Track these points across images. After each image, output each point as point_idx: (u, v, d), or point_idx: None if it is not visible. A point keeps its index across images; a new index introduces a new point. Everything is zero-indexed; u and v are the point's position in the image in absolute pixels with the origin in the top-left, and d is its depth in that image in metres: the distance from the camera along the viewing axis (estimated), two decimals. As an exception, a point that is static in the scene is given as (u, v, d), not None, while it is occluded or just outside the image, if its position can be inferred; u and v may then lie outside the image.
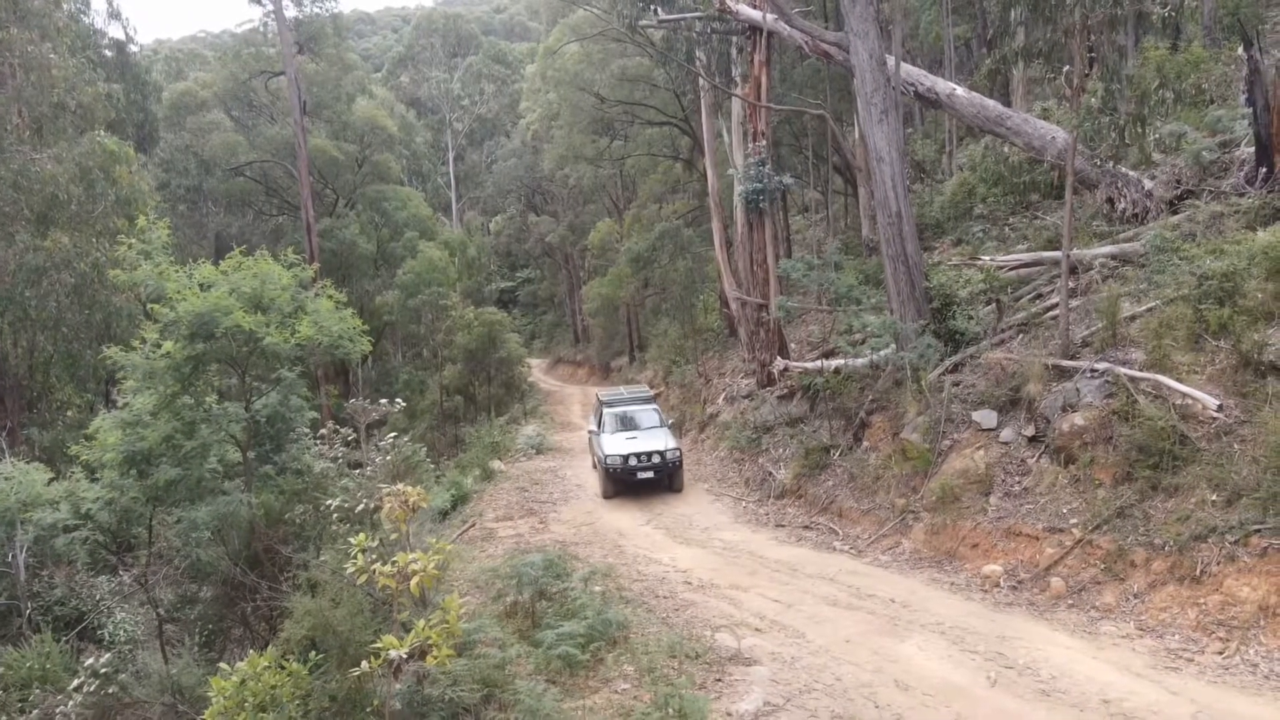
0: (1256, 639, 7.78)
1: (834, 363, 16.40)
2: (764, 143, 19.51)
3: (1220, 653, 7.83)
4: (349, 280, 27.49)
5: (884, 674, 7.85)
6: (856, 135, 26.93)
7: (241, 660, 6.11)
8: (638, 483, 16.84)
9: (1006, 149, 19.16)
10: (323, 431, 11.93)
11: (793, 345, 21.09)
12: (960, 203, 21.87)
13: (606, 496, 17.00)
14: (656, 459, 16.78)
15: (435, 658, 5.63)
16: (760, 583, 11.13)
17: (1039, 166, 18.54)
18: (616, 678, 7.90)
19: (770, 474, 16.51)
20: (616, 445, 17.08)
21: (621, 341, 39.38)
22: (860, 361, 15.64)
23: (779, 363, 18.23)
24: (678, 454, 17.19)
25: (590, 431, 19.18)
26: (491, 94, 54.24)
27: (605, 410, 18.55)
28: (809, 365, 17.37)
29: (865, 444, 14.73)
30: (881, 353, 15.05)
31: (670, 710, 6.24)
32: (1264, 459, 8.91)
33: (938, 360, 13.89)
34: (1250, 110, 16.07)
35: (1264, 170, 13.24)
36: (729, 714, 7.01)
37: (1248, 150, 14.18)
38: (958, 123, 24.90)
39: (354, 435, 11.15)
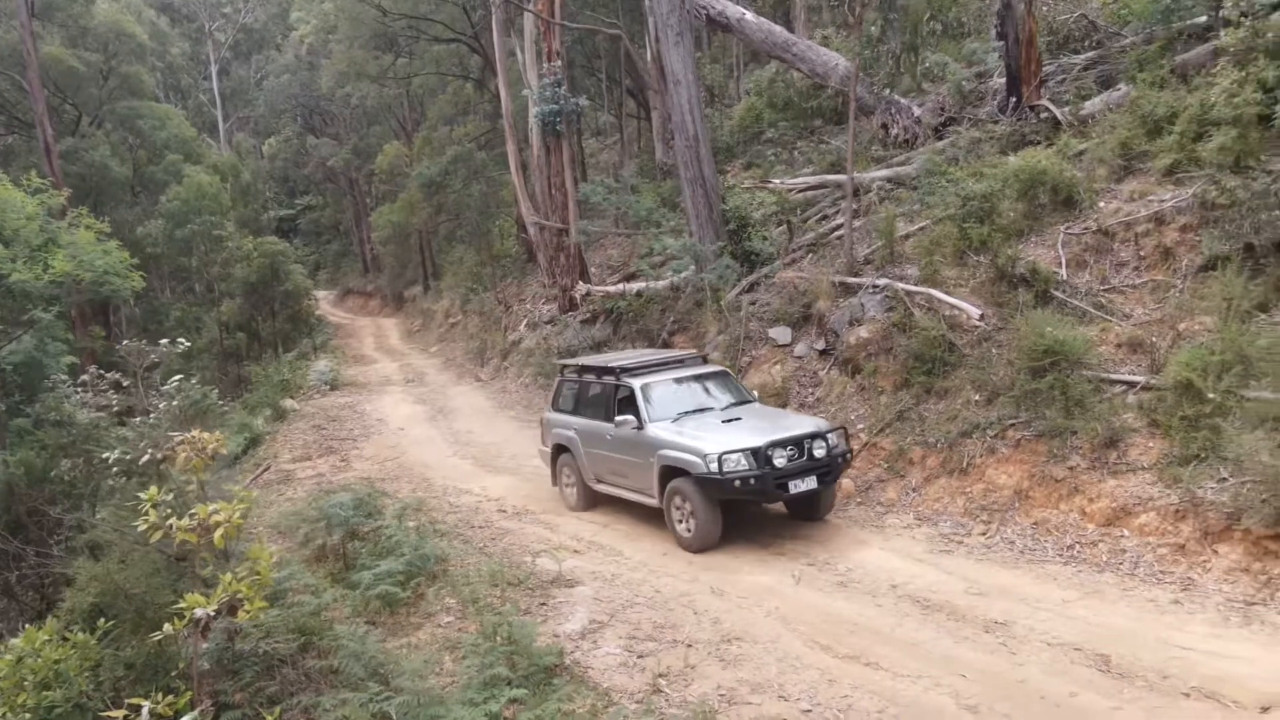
0: (1013, 519, 8.84)
1: (636, 285, 16.67)
2: (559, 63, 19.11)
3: (984, 534, 8.84)
4: (103, 209, 24.45)
5: (700, 583, 8.26)
6: (650, 57, 27.00)
7: (16, 636, 5.47)
8: (782, 500, 9.35)
9: (793, 75, 19.90)
10: (84, 378, 10.72)
11: (593, 269, 21.19)
12: (749, 127, 22.58)
13: (701, 548, 9.06)
14: (819, 451, 9.14)
15: (248, 612, 5.29)
16: (575, 504, 11.30)
17: (823, 92, 19.43)
18: (439, 611, 7.82)
19: (577, 398, 16.63)
20: (721, 439, 9.08)
21: (415, 270, 37.98)
22: (661, 284, 15.98)
23: (581, 287, 18.29)
24: (843, 442, 9.65)
25: (549, 421, 11.80)
26: (258, 1, 49.43)
27: (641, 389, 10.20)
28: (611, 289, 17.55)
29: (668, 364, 15.14)
30: (681, 275, 15.44)
31: (499, 638, 6.26)
32: (1016, 361, 9.99)
33: (735, 280, 14.43)
34: (1001, 43, 17.54)
35: (1014, 100, 14.52)
36: (556, 635, 7.14)
37: (1000, 81, 15.51)
38: (744, 47, 25.55)
39: (125, 381, 10.11)
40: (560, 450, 11.49)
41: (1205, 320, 9.27)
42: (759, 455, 8.94)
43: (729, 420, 9.84)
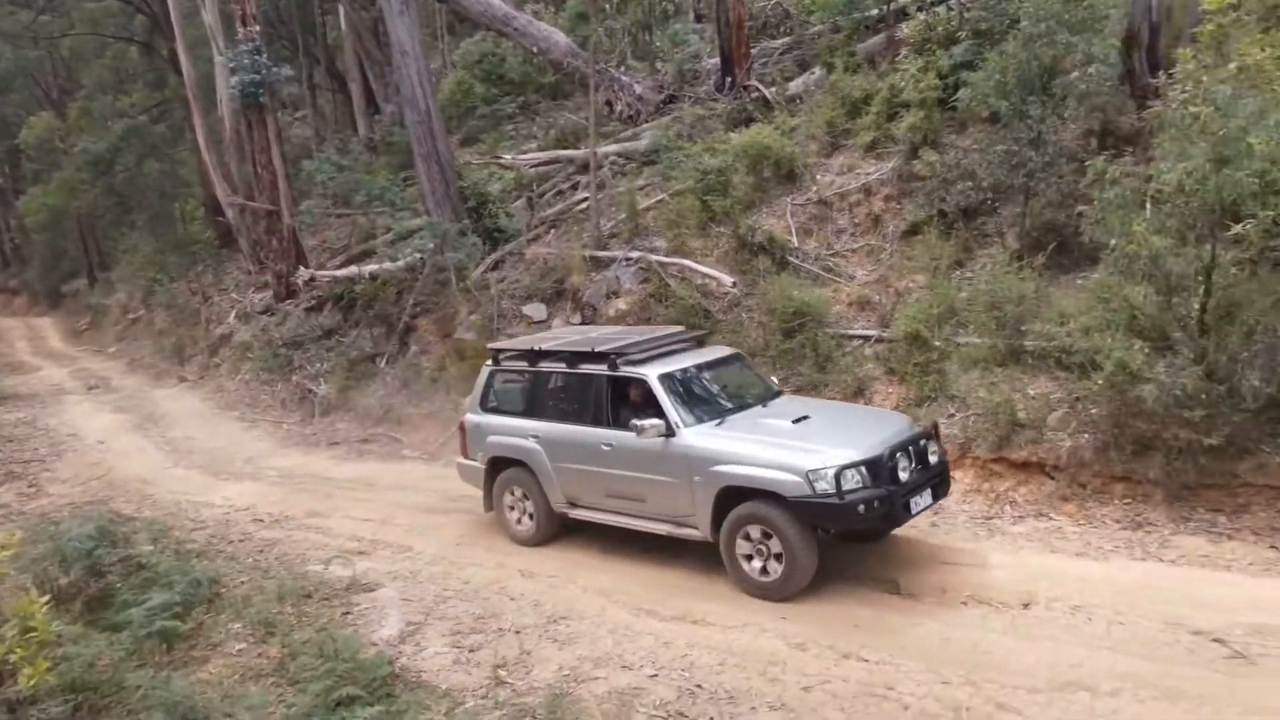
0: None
1: (369, 268, 15.76)
2: (256, 27, 17.37)
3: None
4: None
5: (507, 568, 8.11)
6: (343, 24, 25.40)
7: None
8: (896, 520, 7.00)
9: (509, 48, 19.74)
10: None
11: (310, 253, 19.69)
12: (460, 100, 22.06)
13: (790, 596, 6.83)
14: (934, 456, 7.32)
15: (29, 676, 4.38)
16: (341, 505, 10.57)
17: (534, 65, 19.46)
18: (226, 640, 6.98)
19: (311, 391, 15.51)
20: (825, 448, 6.78)
21: (75, 261, 32.87)
22: (397, 265, 15.24)
23: (303, 272, 16.91)
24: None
25: (478, 427, 8.94)
26: None
27: (662, 382, 7.62)
28: (340, 273, 16.45)
29: (414, 348, 14.57)
30: (418, 255, 14.84)
31: (330, 654, 5.74)
32: (768, 323, 10.85)
33: (481, 258, 14.15)
34: (700, 25, 18.69)
35: (729, 80, 15.56)
36: (375, 643, 6.68)
37: (714, 62, 16.54)
38: (448, 15, 24.86)
39: None
40: (502, 465, 8.65)
41: (918, 278, 10.64)
42: (881, 467, 6.67)
43: (799, 420, 7.37)
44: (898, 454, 6.85)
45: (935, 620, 6.37)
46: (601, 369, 7.98)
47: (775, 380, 9.05)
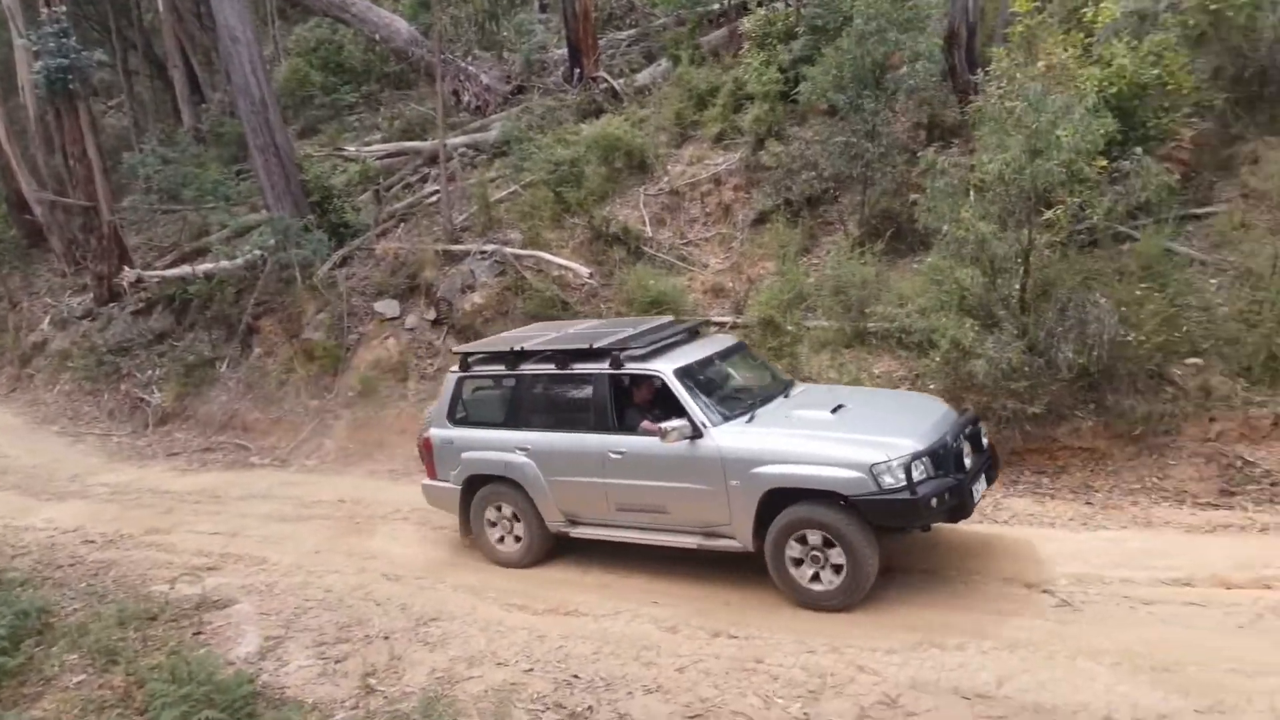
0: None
1: (204, 267, 14.84)
2: (62, 7, 15.95)
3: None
4: None
5: (369, 572, 7.88)
6: (161, 6, 23.72)
7: None
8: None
9: (348, 36, 18.97)
10: None
11: (134, 251, 18.31)
12: (296, 90, 21.04)
13: (850, 605, 6.23)
14: (985, 440, 6.92)
15: None
16: (185, 519, 9.95)
17: (383, 57, 18.83)
18: (61, 673, 6.44)
19: (143, 400, 14.47)
20: (883, 438, 6.21)
21: None
22: (236, 263, 14.43)
23: (128, 273, 15.73)
24: None
25: (447, 442, 7.94)
26: None
27: (678, 378, 6.88)
28: (171, 273, 15.40)
29: (258, 350, 13.84)
30: (258, 252, 14.10)
31: (177, 677, 5.39)
32: (623, 312, 10.95)
33: (327, 255, 13.59)
34: (544, 15, 18.60)
35: (577, 71, 15.57)
36: (232, 662, 6.33)
37: (561, 53, 16.49)
38: (278, 1, 23.67)
39: None
40: (479, 483, 7.72)
41: (768, 265, 11.03)
42: (947, 455, 6.21)
43: (836, 409, 6.75)
44: (960, 439, 6.42)
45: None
46: (602, 368, 7.12)
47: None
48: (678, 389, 6.79)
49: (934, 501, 6.00)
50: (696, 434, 6.58)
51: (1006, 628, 5.79)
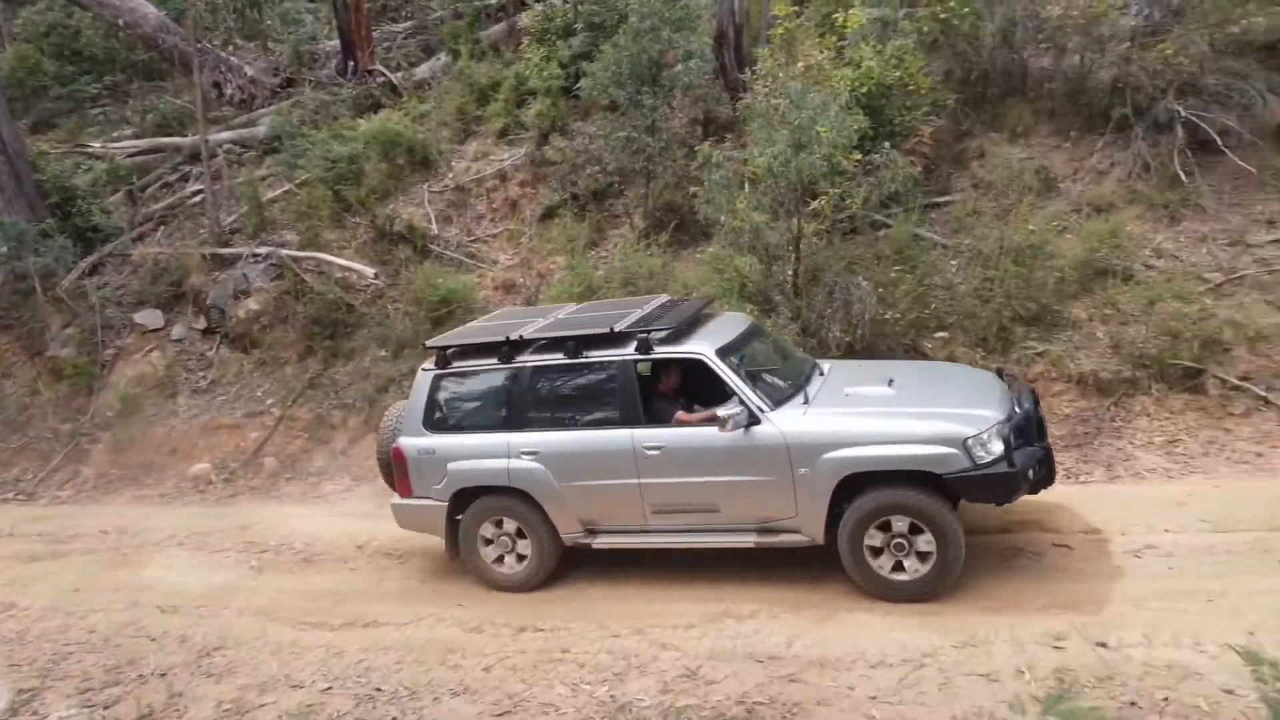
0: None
1: (-84, 281, 12.93)
2: None
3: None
4: None
5: (142, 606, 7.22)
6: None
7: None
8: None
9: (86, 21, 17.16)
10: None
11: None
12: (25, 79, 18.80)
13: (939, 591, 5.85)
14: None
15: None
16: (-94, 572, 8.68)
17: (129, 44, 17.18)
18: None
19: None
20: (969, 411, 5.88)
21: None
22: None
23: None
24: None
25: (427, 452, 6.87)
26: None
27: (720, 357, 6.24)
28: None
29: (-7, 372, 12.27)
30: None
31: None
32: (413, 312, 10.70)
33: (72, 262, 12.25)
34: (311, 5, 17.73)
35: (351, 64, 14.93)
36: (-24, 726, 5.62)
37: (333, 44, 15.74)
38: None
39: None
40: (470, 497, 6.81)
41: (558, 259, 11.10)
42: (1030, 423, 6.00)
43: (892, 384, 6.36)
44: (1039, 406, 6.25)
45: (593, 580, 6.78)
46: (627, 353, 6.36)
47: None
48: (725, 372, 6.15)
49: (1030, 473, 5.73)
50: (753, 420, 5.99)
51: (793, 591, 6.18)
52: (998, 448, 5.63)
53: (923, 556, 5.78)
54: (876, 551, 5.87)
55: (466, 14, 15.40)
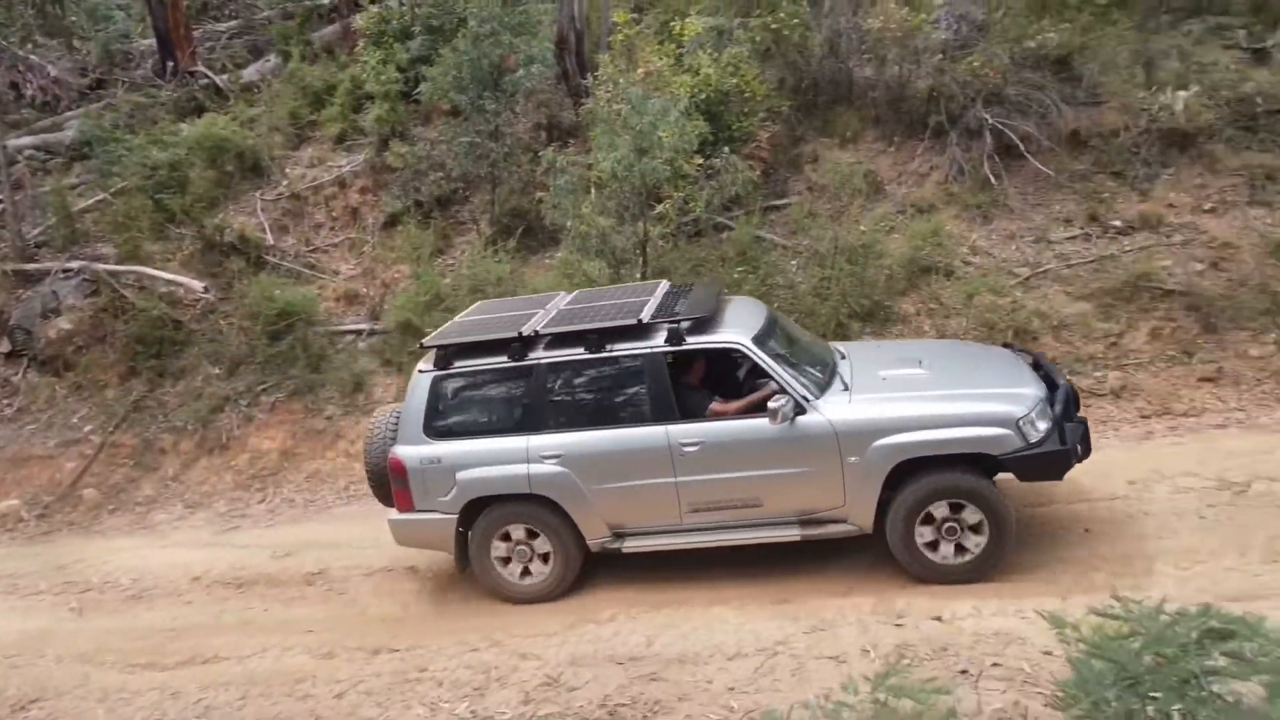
0: (287, 479, 9.11)
1: None
2: None
3: (263, 501, 8.94)
4: None
5: (-66, 663, 6.52)
6: None
7: None
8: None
9: None
10: None
11: None
12: None
13: (986, 571, 5.85)
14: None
15: None
16: None
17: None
18: None
19: None
20: (1012, 390, 5.94)
21: None
22: None
23: None
24: None
25: (432, 461, 6.30)
26: None
27: (756, 345, 6.01)
28: None
29: None
30: None
31: None
32: (248, 327, 10.15)
33: None
34: (123, 1, 16.57)
35: (170, 64, 14.00)
36: None
37: (150, 43, 14.72)
38: None
39: None
40: (481, 507, 6.32)
41: (403, 268, 10.81)
42: (1070, 399, 6.02)
43: (921, 362, 6.38)
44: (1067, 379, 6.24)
45: (453, 590, 6.65)
46: (656, 345, 6.06)
47: None
48: (766, 361, 5.94)
49: (1079, 448, 5.78)
50: (799, 410, 5.82)
51: (650, 593, 6.26)
52: (1044, 425, 5.70)
53: (974, 539, 5.79)
54: (932, 535, 5.83)
55: (296, 14, 14.78)
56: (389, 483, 6.41)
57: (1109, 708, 1.78)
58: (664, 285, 7.00)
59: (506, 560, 6.39)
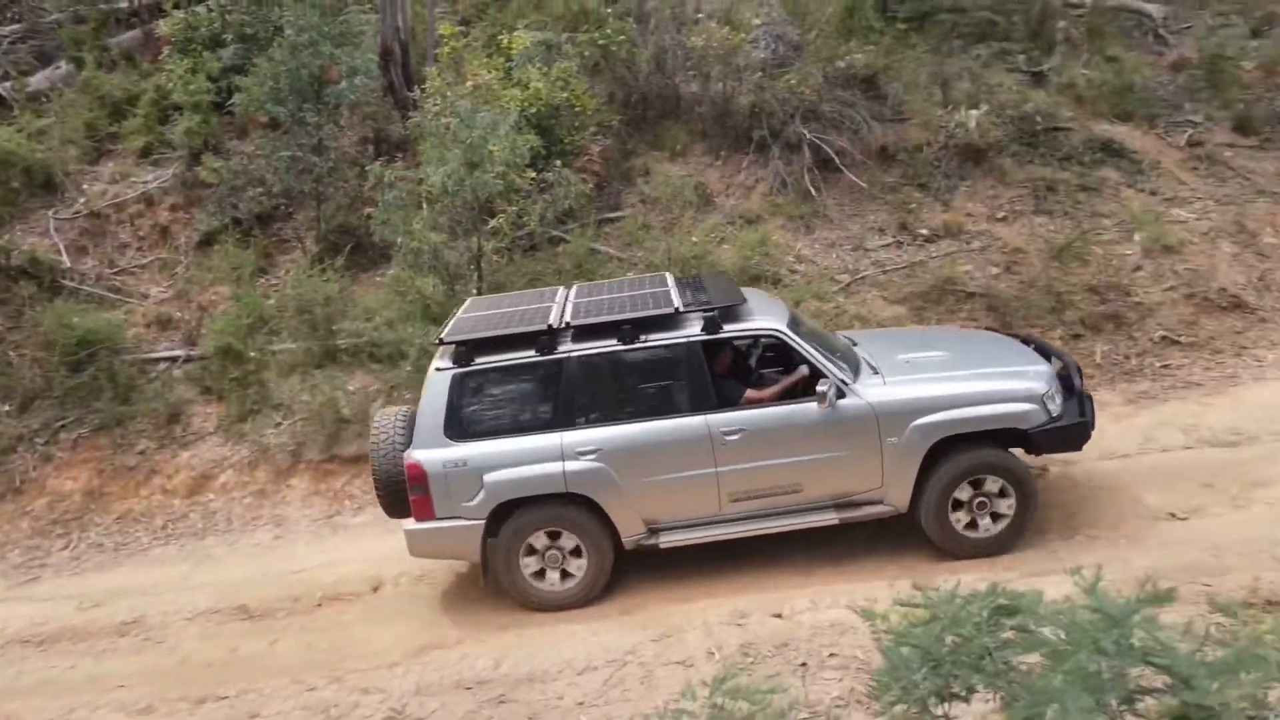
0: (94, 522, 8.35)
1: None
2: None
3: (66, 548, 8.16)
4: None
5: None
6: None
7: None
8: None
9: None
10: None
11: None
12: None
13: (1008, 545, 6.08)
14: None
15: None
16: None
17: None
18: None
19: None
20: (1022, 368, 6.35)
21: None
22: None
23: None
24: None
25: (457, 464, 5.89)
26: None
27: (792, 330, 6.13)
28: None
29: None
30: None
31: None
32: (43, 358, 9.28)
33: None
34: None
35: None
36: None
37: (-87, 46, 13.25)
38: None
39: None
40: (509, 510, 5.99)
41: (221, 289, 10.19)
42: (1072, 373, 6.36)
43: (934, 345, 6.85)
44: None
45: (289, 628, 6.32)
46: (693, 334, 6.01)
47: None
48: (803, 346, 6.04)
49: (1094, 421, 6.17)
50: (840, 394, 5.90)
51: (499, 614, 6.17)
52: (1059, 399, 6.06)
53: (995, 515, 6.04)
54: (965, 510, 6.01)
55: (90, 18, 13.67)
56: (402, 491, 6.04)
57: (917, 689, 1.92)
58: (670, 276, 6.96)
59: (541, 572, 6.15)
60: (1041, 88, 10.91)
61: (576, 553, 6.12)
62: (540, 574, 6.15)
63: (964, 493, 5.98)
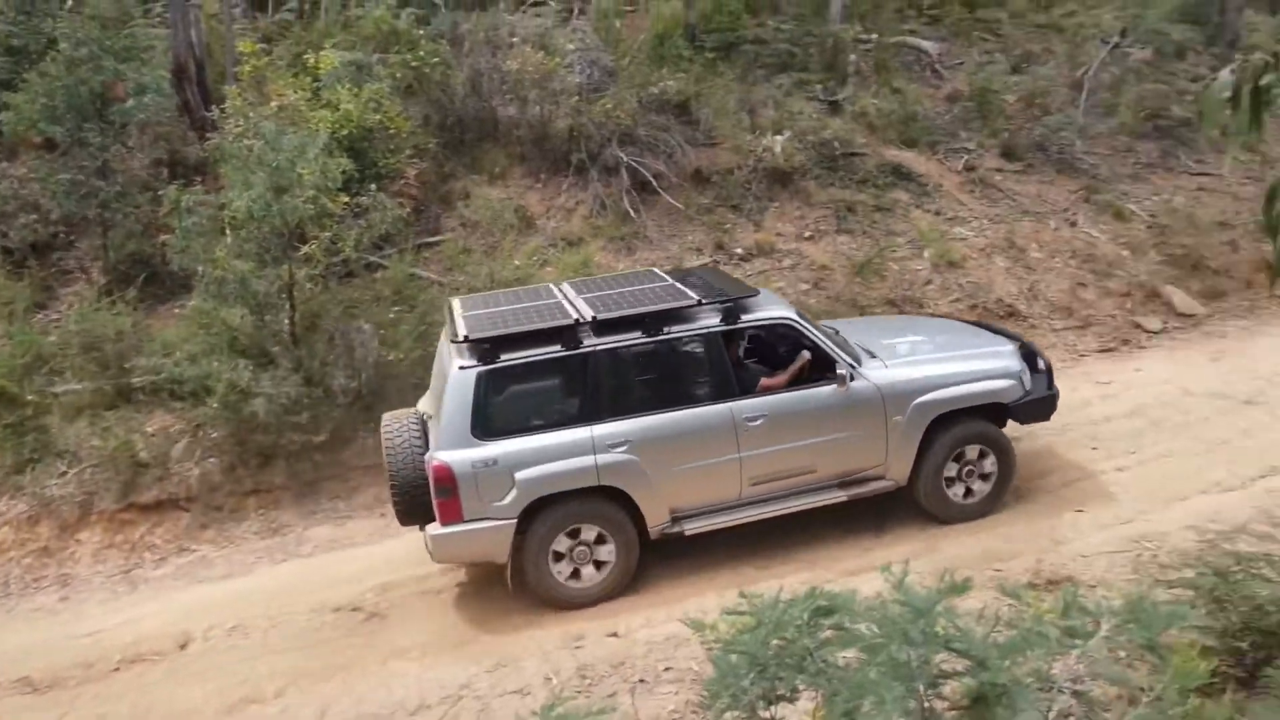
0: None
1: None
2: None
3: None
4: None
5: None
6: None
7: None
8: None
9: None
10: None
11: None
12: None
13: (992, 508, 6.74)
14: None
15: None
16: None
17: None
18: None
19: None
20: (997, 347, 7.02)
21: None
22: None
23: None
24: None
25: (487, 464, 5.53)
26: None
27: (804, 319, 6.55)
28: None
29: None
30: None
31: None
32: None
33: None
34: None
35: None
36: None
37: None
38: None
39: None
40: (540, 508, 5.89)
41: (-7, 326, 9.16)
42: (1031, 352, 7.04)
43: (910, 331, 7.59)
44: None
45: (80, 697, 5.74)
46: (714, 325, 6.20)
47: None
48: (815, 334, 6.41)
49: (1058, 392, 6.81)
50: (849, 376, 6.29)
51: (321, 656, 5.87)
52: (1029, 376, 6.69)
53: (985, 478, 6.65)
54: (950, 482, 6.57)
55: None
56: (422, 497, 5.91)
57: (746, 695, 1.99)
58: (659, 270, 7.27)
59: (576, 572, 6.12)
60: (838, 116, 11.68)
61: (600, 541, 6.14)
62: (576, 574, 6.15)
63: (951, 470, 6.56)
